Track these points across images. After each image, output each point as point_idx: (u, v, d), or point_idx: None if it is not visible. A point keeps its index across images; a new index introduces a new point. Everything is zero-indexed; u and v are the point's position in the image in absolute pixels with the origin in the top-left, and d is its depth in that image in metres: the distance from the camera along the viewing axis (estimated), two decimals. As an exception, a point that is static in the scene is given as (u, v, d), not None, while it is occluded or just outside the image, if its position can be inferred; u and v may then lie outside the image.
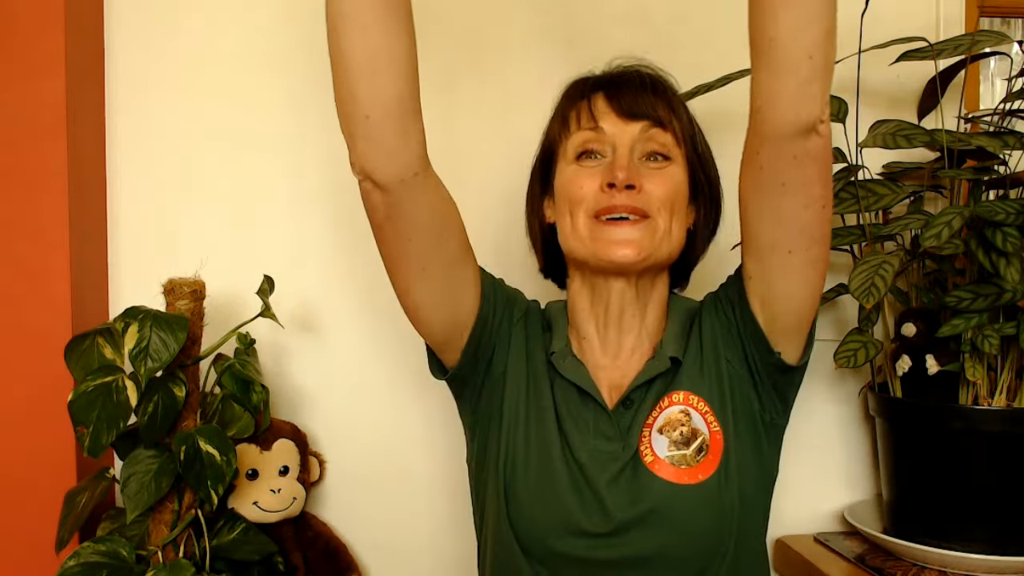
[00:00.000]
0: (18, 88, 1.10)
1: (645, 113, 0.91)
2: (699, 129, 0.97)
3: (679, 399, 0.92)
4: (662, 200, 0.89)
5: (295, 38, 1.26)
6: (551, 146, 0.97)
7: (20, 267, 1.11)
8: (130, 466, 0.98)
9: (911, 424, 1.19)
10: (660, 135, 0.91)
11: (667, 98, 0.93)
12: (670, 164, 0.92)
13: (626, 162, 0.89)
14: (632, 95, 0.91)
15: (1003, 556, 1.11)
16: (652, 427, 0.91)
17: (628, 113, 0.91)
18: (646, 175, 0.89)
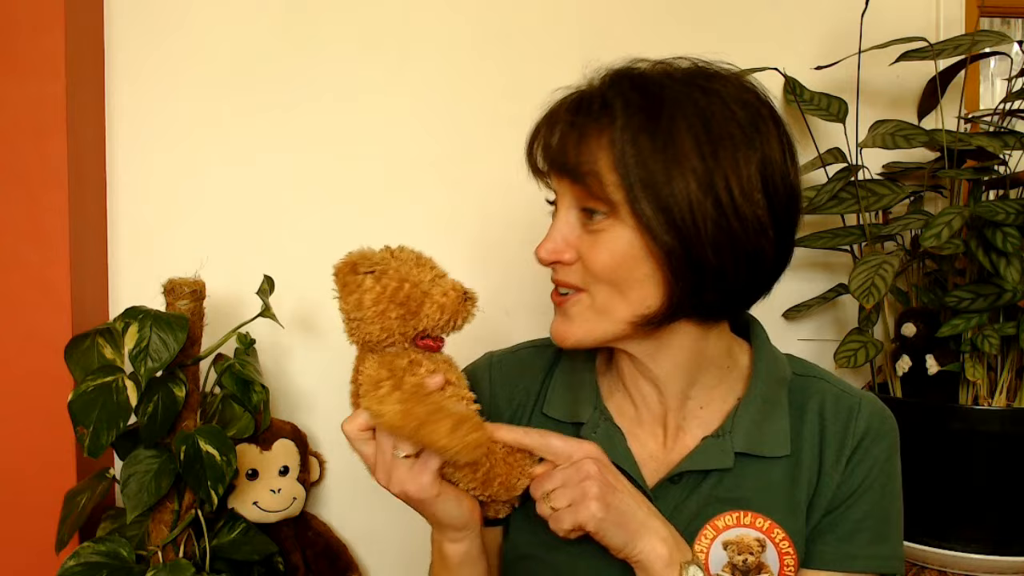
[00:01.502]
0: (18, 88, 1.10)
1: (565, 168, 0.73)
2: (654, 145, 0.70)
3: (763, 525, 0.79)
4: (596, 271, 0.74)
5: (294, 38, 1.26)
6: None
7: (20, 267, 1.11)
8: (130, 466, 0.97)
9: (911, 424, 1.19)
10: (589, 195, 0.72)
11: (592, 133, 0.71)
12: (609, 224, 0.72)
13: (551, 233, 0.75)
14: (555, 145, 0.74)
15: (1003, 556, 1.12)
16: (720, 534, 0.79)
17: (552, 167, 0.75)
18: (583, 240, 0.74)
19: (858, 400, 0.83)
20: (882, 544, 0.81)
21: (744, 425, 0.80)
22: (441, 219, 1.30)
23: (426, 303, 0.72)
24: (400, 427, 0.68)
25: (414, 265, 0.74)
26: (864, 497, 0.80)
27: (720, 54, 1.27)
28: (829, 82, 1.30)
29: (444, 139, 1.30)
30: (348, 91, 1.27)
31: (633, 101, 0.72)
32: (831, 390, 0.84)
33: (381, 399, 0.69)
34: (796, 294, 1.37)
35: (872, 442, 0.81)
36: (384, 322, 0.72)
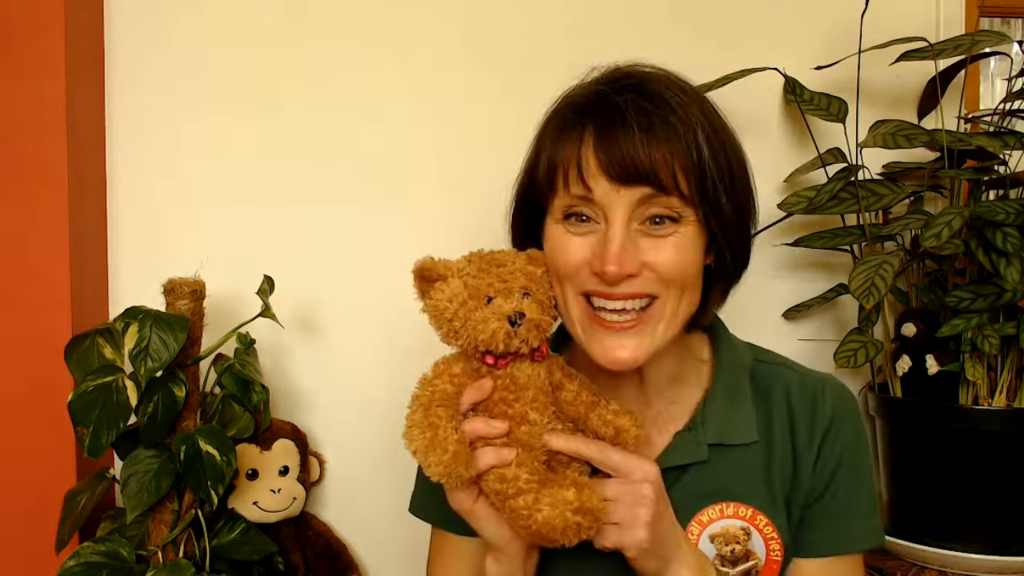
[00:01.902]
0: (18, 88, 1.10)
1: (644, 176, 0.71)
2: (718, 143, 0.75)
3: (745, 514, 0.81)
4: (670, 277, 0.74)
5: (294, 39, 1.26)
6: (537, 197, 0.80)
7: (20, 267, 1.11)
8: (130, 466, 0.97)
9: (911, 424, 1.19)
10: (664, 201, 0.73)
11: (672, 139, 0.72)
12: (679, 227, 0.74)
13: (619, 245, 0.72)
14: (627, 148, 0.71)
15: (1003, 556, 1.12)
16: (706, 528, 0.80)
17: (622, 176, 0.71)
18: (649, 247, 0.73)
19: (821, 383, 0.85)
20: (868, 520, 0.83)
21: (714, 416, 0.82)
22: (441, 220, 1.30)
23: (464, 331, 0.72)
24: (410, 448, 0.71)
25: (475, 275, 0.73)
26: (844, 480, 0.82)
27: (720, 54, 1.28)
28: (829, 82, 1.30)
29: (444, 140, 1.30)
30: (348, 91, 1.27)
31: (699, 105, 0.75)
32: (793, 376, 0.86)
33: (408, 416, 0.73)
34: (796, 294, 1.37)
35: (841, 424, 0.83)
36: (439, 331, 0.74)
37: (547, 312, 0.74)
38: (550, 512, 0.68)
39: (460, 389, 0.73)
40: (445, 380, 0.74)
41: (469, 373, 0.74)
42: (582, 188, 0.73)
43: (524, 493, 0.69)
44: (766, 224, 1.31)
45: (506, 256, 0.76)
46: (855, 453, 0.83)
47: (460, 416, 0.73)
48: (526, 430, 0.72)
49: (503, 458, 0.70)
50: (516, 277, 0.73)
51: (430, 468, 0.69)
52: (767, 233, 1.33)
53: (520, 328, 0.71)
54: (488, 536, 0.75)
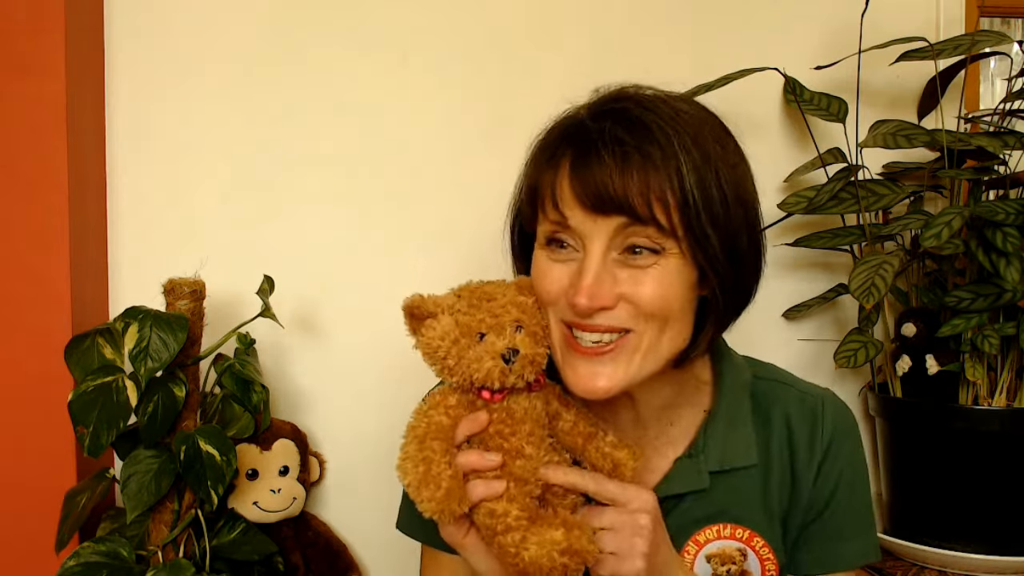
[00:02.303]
0: (18, 88, 1.10)
1: (617, 206, 0.69)
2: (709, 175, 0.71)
3: (742, 536, 0.80)
4: (648, 310, 0.71)
5: (294, 40, 1.26)
6: (523, 217, 0.80)
7: (20, 267, 1.11)
8: (130, 466, 0.97)
9: (911, 424, 1.19)
10: (641, 230, 0.70)
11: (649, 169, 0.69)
12: (659, 258, 0.71)
13: (592, 277, 0.70)
14: (600, 177, 0.69)
15: (1003, 556, 1.12)
16: (702, 548, 0.80)
17: (596, 206, 0.69)
18: (626, 279, 0.71)
19: (820, 401, 0.84)
20: (865, 536, 0.83)
21: (715, 441, 0.81)
22: (440, 222, 1.30)
23: (458, 368, 0.72)
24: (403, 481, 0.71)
25: (466, 311, 0.72)
26: (842, 498, 0.82)
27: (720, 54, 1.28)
28: (829, 82, 1.30)
29: (444, 140, 1.30)
30: (348, 93, 1.27)
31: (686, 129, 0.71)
32: (793, 394, 0.85)
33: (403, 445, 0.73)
34: (796, 294, 1.37)
35: (840, 443, 0.82)
36: (432, 367, 0.74)
37: (541, 344, 0.73)
38: (537, 551, 0.67)
39: (455, 421, 0.73)
40: (440, 412, 0.73)
41: (465, 404, 0.74)
42: (558, 215, 0.72)
43: (513, 530, 0.69)
44: (766, 224, 1.30)
45: (496, 289, 0.75)
46: (853, 472, 0.83)
47: (454, 449, 0.72)
48: (521, 464, 0.72)
49: (494, 491, 0.70)
50: (507, 310, 0.73)
51: (423, 504, 0.69)
52: (767, 233, 1.32)
53: (515, 364, 0.70)
54: (478, 569, 0.75)
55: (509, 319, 0.72)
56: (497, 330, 0.71)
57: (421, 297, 0.75)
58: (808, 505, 0.82)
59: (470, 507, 0.71)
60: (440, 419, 0.72)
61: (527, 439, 0.72)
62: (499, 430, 0.72)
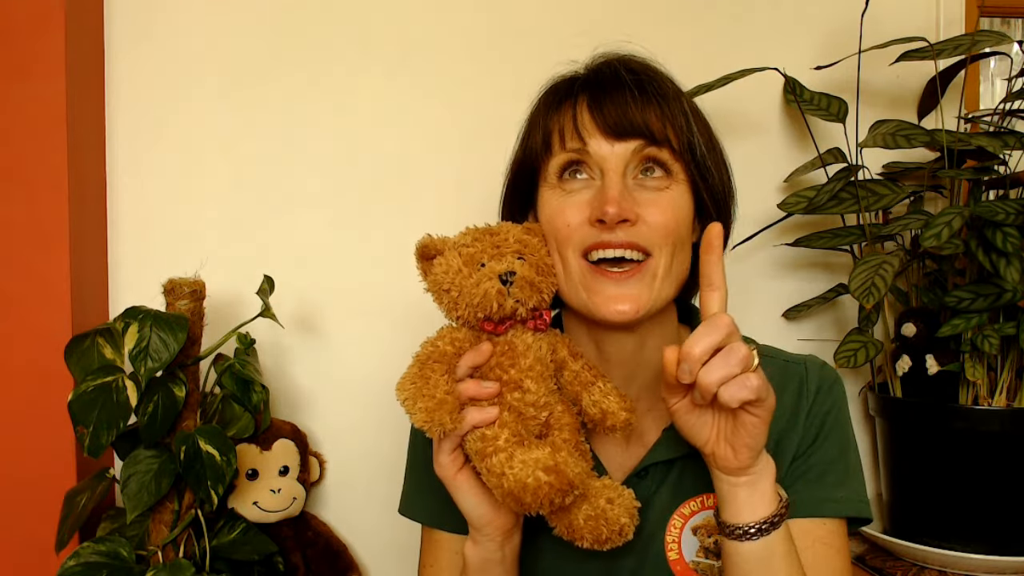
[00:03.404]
0: (18, 88, 1.10)
1: (637, 129, 0.76)
2: (700, 122, 0.81)
3: None
4: (664, 231, 0.76)
5: (294, 39, 1.26)
6: (531, 165, 0.83)
7: (20, 267, 1.11)
8: (130, 466, 0.97)
9: (911, 424, 1.19)
10: (656, 152, 0.77)
11: (660, 101, 0.78)
12: (671, 182, 0.78)
13: (617, 191, 0.75)
14: (620, 106, 0.76)
15: (1003, 556, 1.12)
16: (688, 521, 0.80)
17: (617, 130, 0.76)
18: (643, 201, 0.76)
19: (803, 365, 0.85)
20: (849, 487, 0.82)
21: None
22: (442, 220, 1.29)
23: (461, 299, 0.73)
24: (399, 397, 0.72)
25: (470, 244, 0.75)
26: (826, 443, 0.82)
27: (720, 54, 1.27)
28: (829, 82, 1.30)
29: (444, 140, 1.30)
30: (348, 92, 1.27)
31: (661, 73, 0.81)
32: (775, 364, 0.85)
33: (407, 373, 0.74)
34: (796, 294, 1.37)
35: (824, 394, 0.83)
36: (440, 305, 0.76)
37: (542, 274, 0.75)
38: (521, 470, 0.67)
39: (459, 351, 0.74)
40: (446, 342, 0.75)
41: (471, 340, 0.75)
42: (578, 142, 0.77)
43: (500, 451, 0.69)
44: (766, 224, 1.31)
45: (501, 226, 0.78)
46: (838, 421, 0.83)
47: (455, 377, 0.74)
48: (518, 396, 0.72)
49: (487, 416, 0.71)
50: (508, 243, 0.75)
51: (415, 415, 0.70)
52: (767, 233, 1.33)
53: (512, 287, 0.71)
54: (468, 511, 0.76)
55: (510, 250, 0.74)
56: (497, 258, 0.74)
57: (430, 237, 0.77)
58: (793, 455, 0.81)
59: (463, 433, 0.72)
60: (444, 347, 0.74)
61: (527, 373, 0.73)
62: (499, 362, 0.73)
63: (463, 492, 0.75)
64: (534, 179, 0.83)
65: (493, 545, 0.77)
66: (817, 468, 0.81)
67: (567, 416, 0.76)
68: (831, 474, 0.81)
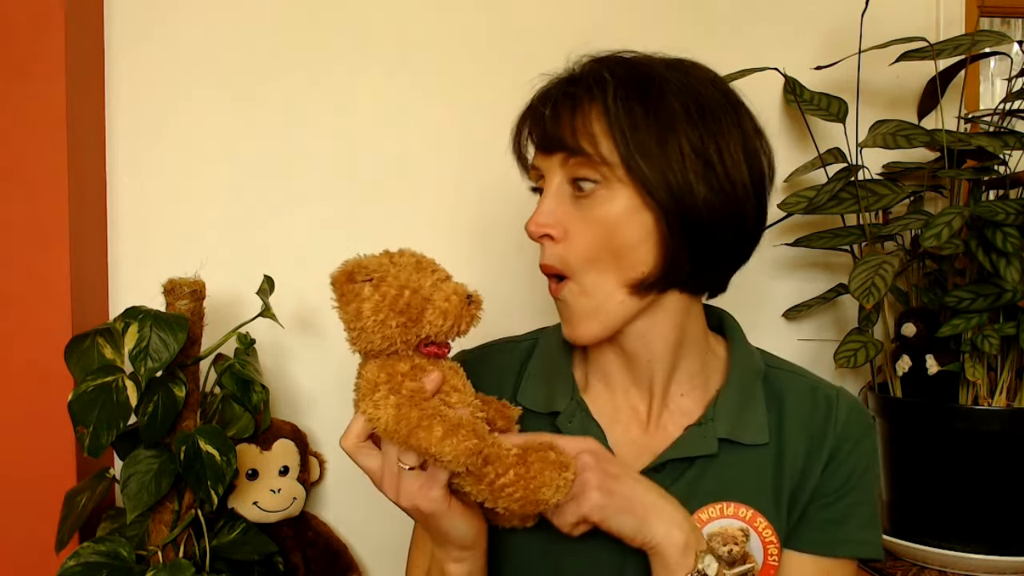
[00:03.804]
0: (18, 88, 1.10)
1: (559, 141, 0.75)
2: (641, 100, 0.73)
3: (746, 515, 0.80)
4: (584, 251, 0.74)
5: (294, 39, 1.26)
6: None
7: (20, 267, 1.11)
8: (130, 466, 0.97)
9: (911, 424, 1.19)
10: (583, 162, 0.74)
11: (576, 105, 0.74)
12: (598, 190, 0.74)
13: (540, 207, 0.76)
14: (549, 118, 0.76)
15: (1003, 556, 1.12)
16: (704, 526, 0.79)
17: (544, 144, 0.77)
18: (571, 214, 0.75)
19: (835, 393, 0.85)
20: (869, 530, 0.82)
21: (726, 412, 0.81)
22: (441, 220, 1.30)
23: (428, 309, 0.69)
24: (394, 431, 0.67)
25: (414, 270, 0.71)
26: (852, 491, 0.81)
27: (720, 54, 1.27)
28: (829, 82, 1.30)
29: (444, 140, 1.30)
30: (348, 92, 1.27)
31: (623, 76, 0.75)
32: (806, 383, 0.85)
33: (376, 403, 0.68)
34: (796, 294, 1.37)
35: (856, 442, 0.82)
36: (385, 331, 0.70)
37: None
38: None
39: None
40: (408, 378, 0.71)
41: (416, 373, 0.71)
42: (523, 160, 0.81)
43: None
44: (766, 224, 1.31)
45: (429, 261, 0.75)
46: (867, 473, 0.82)
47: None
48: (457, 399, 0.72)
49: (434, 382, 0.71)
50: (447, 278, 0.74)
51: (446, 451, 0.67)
52: (767, 233, 1.32)
53: (473, 307, 0.71)
54: (462, 535, 0.74)
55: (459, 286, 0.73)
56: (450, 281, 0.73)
57: (354, 261, 0.73)
58: (817, 491, 0.81)
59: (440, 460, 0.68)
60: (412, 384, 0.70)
61: (463, 382, 0.74)
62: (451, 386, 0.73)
63: (457, 519, 0.73)
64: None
65: (478, 555, 0.77)
66: (839, 511, 0.81)
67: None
68: (854, 517, 0.81)
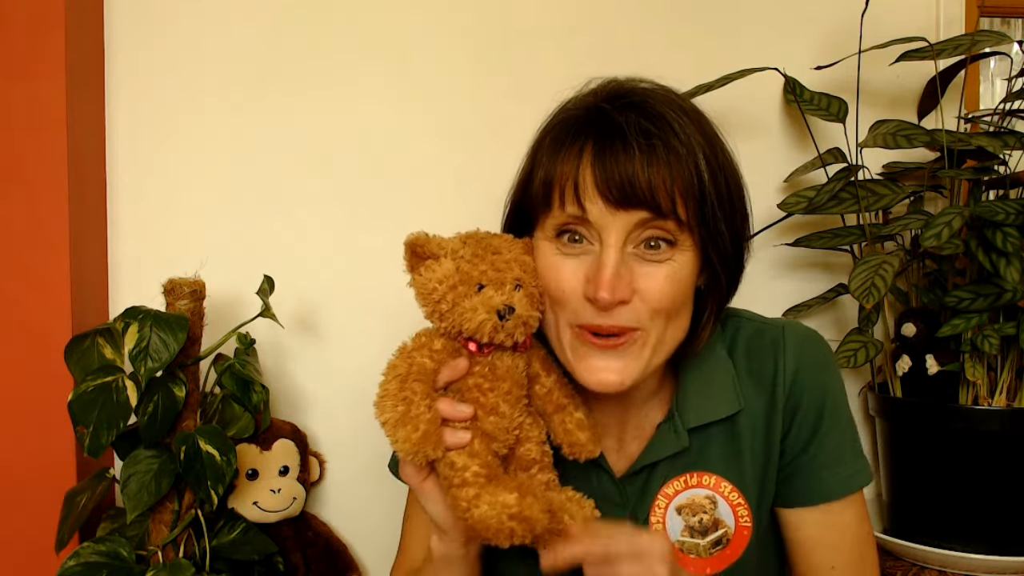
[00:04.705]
0: (18, 88, 1.10)
1: (641, 200, 0.69)
2: (716, 168, 0.73)
3: (709, 482, 0.80)
4: (658, 308, 0.72)
5: (294, 39, 1.26)
6: (530, 208, 0.78)
7: (20, 267, 1.11)
8: (130, 466, 0.97)
9: (911, 424, 1.19)
10: (661, 224, 0.71)
11: (671, 160, 0.70)
12: (674, 252, 0.72)
13: (612, 270, 0.69)
14: (626, 169, 0.69)
15: (1003, 556, 1.11)
16: (672, 501, 0.80)
17: (619, 199, 0.69)
18: (641, 274, 0.71)
19: (780, 330, 0.83)
20: (858, 459, 0.83)
21: (690, 400, 0.81)
22: (441, 220, 1.29)
23: (450, 315, 0.70)
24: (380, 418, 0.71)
25: (469, 259, 0.71)
26: (829, 432, 0.81)
27: (720, 54, 1.27)
28: (829, 82, 1.30)
29: (445, 140, 1.30)
30: (349, 91, 1.27)
31: (681, 120, 0.72)
32: (751, 326, 0.85)
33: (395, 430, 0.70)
34: (796, 294, 1.37)
35: (813, 373, 0.82)
36: (424, 308, 0.73)
37: (536, 306, 0.73)
38: (487, 511, 0.66)
39: (439, 366, 0.72)
40: (425, 354, 0.72)
41: (449, 351, 0.73)
42: (577, 208, 0.71)
43: (468, 486, 0.68)
44: (766, 224, 1.31)
45: (502, 243, 0.74)
46: (836, 405, 0.82)
47: (435, 393, 0.72)
48: (493, 421, 0.71)
49: (459, 441, 0.70)
50: (510, 267, 0.71)
51: (398, 443, 0.68)
52: (767, 233, 1.33)
53: (508, 323, 0.69)
54: (433, 516, 0.75)
55: (511, 275, 0.71)
56: (497, 284, 0.70)
57: (426, 236, 0.74)
58: (790, 446, 0.81)
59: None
60: (424, 361, 0.71)
61: (504, 397, 0.72)
62: (478, 383, 0.72)
63: (429, 499, 0.74)
64: (531, 222, 0.78)
65: (458, 544, 0.77)
66: (825, 455, 0.81)
67: (535, 429, 0.75)
68: (841, 455, 0.81)
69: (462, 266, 0.71)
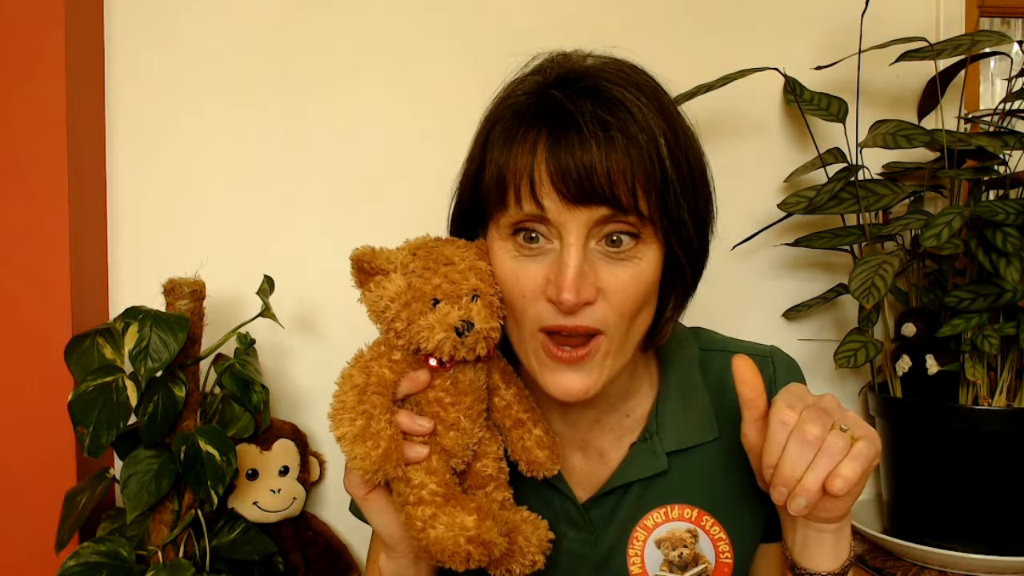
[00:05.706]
0: (18, 88, 1.10)
1: (600, 196, 0.65)
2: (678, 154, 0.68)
3: (691, 515, 0.77)
4: (624, 308, 0.68)
5: (294, 39, 1.26)
6: (482, 204, 0.73)
7: (20, 267, 1.11)
8: (130, 466, 0.97)
9: (911, 424, 1.19)
10: (623, 219, 0.66)
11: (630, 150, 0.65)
12: (638, 246, 0.68)
13: (575, 271, 0.65)
14: (584, 164, 0.64)
15: (1003, 556, 1.12)
16: (651, 533, 0.77)
17: (578, 196, 0.65)
18: (605, 273, 0.67)
19: (770, 361, 0.81)
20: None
21: (669, 421, 0.78)
22: (441, 220, 1.29)
23: (407, 333, 0.67)
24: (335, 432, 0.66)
25: (421, 273, 0.68)
26: None
27: (720, 54, 1.27)
28: (829, 82, 1.30)
29: (445, 140, 1.29)
30: (348, 91, 1.27)
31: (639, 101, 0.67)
32: (722, 357, 0.81)
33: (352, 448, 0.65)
34: (796, 294, 1.37)
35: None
36: (378, 325, 0.70)
37: (496, 316, 0.69)
38: (444, 532, 0.63)
39: (398, 377, 0.68)
40: (384, 364, 0.68)
41: (410, 361, 0.69)
42: (535, 206, 0.66)
43: (424, 504, 0.65)
44: (766, 224, 1.31)
45: (455, 251, 0.70)
46: None
47: (394, 407, 0.68)
48: (453, 436, 0.68)
49: (415, 455, 0.66)
50: (465, 277, 0.67)
51: (356, 460, 0.64)
52: (767, 233, 1.33)
53: (467, 339, 0.66)
54: (379, 530, 0.72)
55: (467, 287, 0.67)
56: (452, 298, 0.66)
57: (372, 251, 0.70)
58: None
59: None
60: (383, 372, 0.67)
61: (465, 412, 0.69)
62: (439, 398, 0.69)
63: (374, 512, 0.70)
64: (483, 215, 0.73)
65: (406, 561, 0.74)
66: None
67: (492, 444, 0.72)
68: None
69: (414, 282, 0.67)
